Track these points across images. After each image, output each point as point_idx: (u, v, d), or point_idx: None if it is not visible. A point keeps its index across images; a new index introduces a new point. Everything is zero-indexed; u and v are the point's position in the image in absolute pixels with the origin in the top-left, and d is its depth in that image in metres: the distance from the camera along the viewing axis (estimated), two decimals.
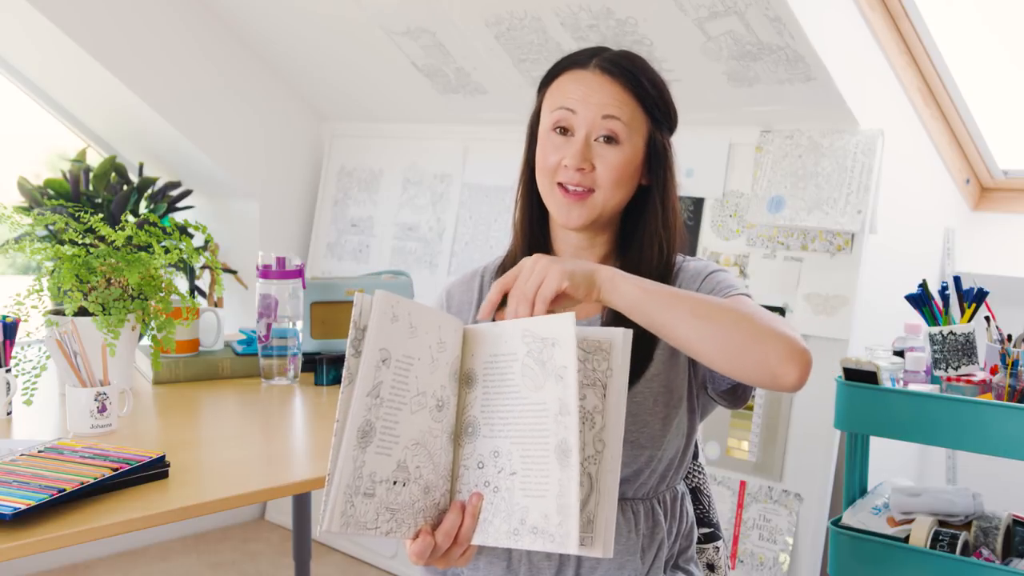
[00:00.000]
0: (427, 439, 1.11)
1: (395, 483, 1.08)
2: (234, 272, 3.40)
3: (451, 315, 1.19)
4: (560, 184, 1.30)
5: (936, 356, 1.95)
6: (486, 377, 1.14)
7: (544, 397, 1.08)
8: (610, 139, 1.29)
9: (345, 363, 1.05)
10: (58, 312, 1.89)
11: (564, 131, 1.30)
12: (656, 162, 1.33)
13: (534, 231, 1.39)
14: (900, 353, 2.03)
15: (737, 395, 1.33)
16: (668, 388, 1.32)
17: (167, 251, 1.93)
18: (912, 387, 1.93)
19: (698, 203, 2.58)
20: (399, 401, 1.08)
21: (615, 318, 1.29)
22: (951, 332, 1.94)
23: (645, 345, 1.29)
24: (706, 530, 1.52)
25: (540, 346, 1.09)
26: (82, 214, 1.97)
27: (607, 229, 1.36)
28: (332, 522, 1.03)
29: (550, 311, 1.12)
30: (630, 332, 1.11)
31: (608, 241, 1.37)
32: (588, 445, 1.10)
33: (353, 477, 1.04)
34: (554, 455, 1.06)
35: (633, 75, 1.31)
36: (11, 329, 1.80)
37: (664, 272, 1.34)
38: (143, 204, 3.17)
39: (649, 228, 1.34)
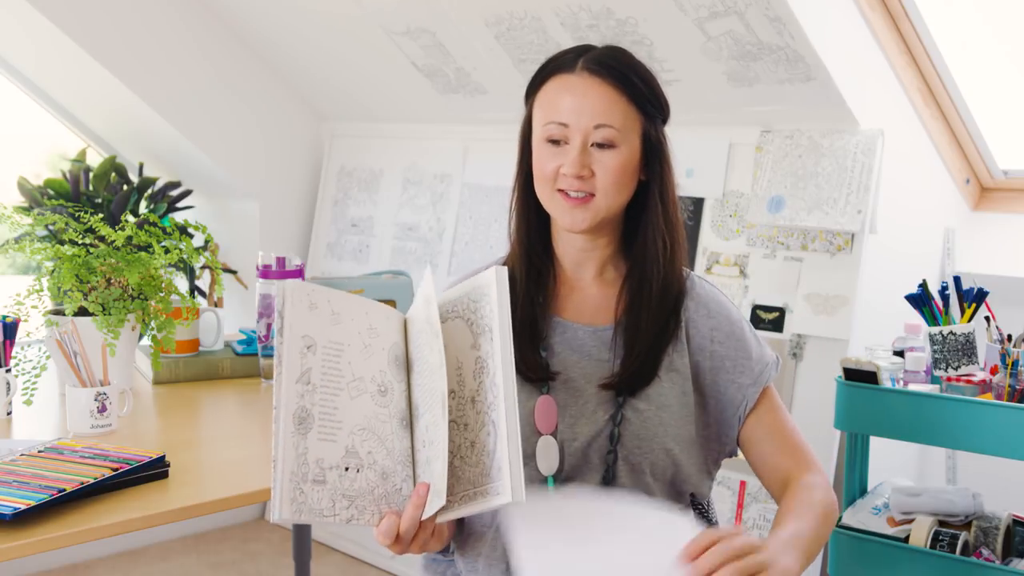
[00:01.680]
0: (374, 424, 1.12)
1: (347, 469, 1.09)
2: (234, 272, 3.40)
3: (381, 303, 1.20)
4: (561, 190, 1.30)
5: (936, 356, 1.95)
6: (416, 359, 1.17)
7: (435, 358, 1.12)
8: (605, 145, 1.28)
9: (275, 351, 1.08)
10: (58, 312, 1.89)
11: (558, 142, 1.30)
12: (653, 157, 1.33)
13: (532, 238, 1.38)
14: (900, 353, 2.03)
15: None
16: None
17: (167, 251, 1.93)
18: (912, 387, 1.93)
19: (698, 203, 2.58)
20: (334, 387, 1.10)
21: (629, 322, 1.32)
22: (951, 332, 1.94)
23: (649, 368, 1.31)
24: None
25: (427, 308, 1.14)
26: (82, 214, 1.97)
27: (610, 229, 1.36)
28: (282, 510, 1.04)
29: None
30: (503, 269, 1.15)
31: (611, 241, 1.37)
32: (487, 392, 1.12)
33: (297, 464, 1.05)
34: (440, 410, 1.10)
35: (622, 73, 1.29)
36: (11, 329, 1.80)
37: (668, 276, 1.34)
38: (143, 204, 3.17)
39: (651, 224, 1.34)
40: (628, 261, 1.36)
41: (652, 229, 1.33)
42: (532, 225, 1.38)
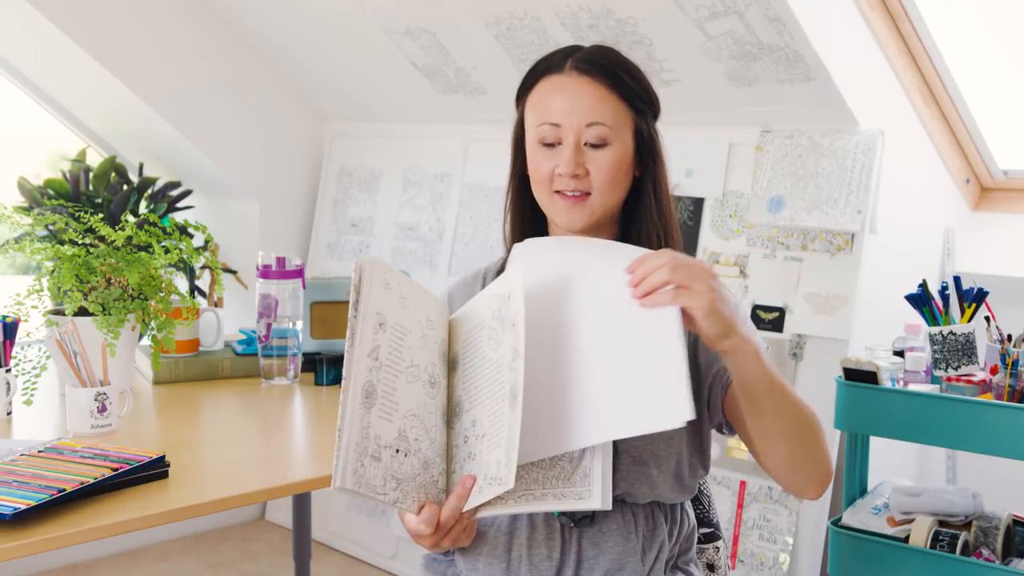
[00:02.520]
0: (423, 412, 1.13)
1: (398, 451, 1.09)
2: (234, 272, 3.40)
3: (437, 297, 1.21)
4: (558, 191, 1.31)
5: (936, 356, 1.95)
6: (464, 357, 1.17)
7: (502, 352, 1.12)
8: (598, 144, 1.29)
9: (348, 325, 1.07)
10: (58, 312, 1.89)
11: (551, 144, 1.30)
12: (645, 153, 1.33)
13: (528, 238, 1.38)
14: (900, 353, 2.03)
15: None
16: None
17: (167, 251, 1.93)
18: (912, 387, 1.93)
19: (698, 203, 2.58)
20: (396, 368, 1.10)
21: None
22: (951, 332, 1.94)
23: None
24: (706, 530, 1.53)
25: (499, 303, 1.15)
26: (82, 214, 1.97)
27: (606, 227, 1.36)
28: (345, 479, 1.04)
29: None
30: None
31: (608, 239, 1.37)
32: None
33: (361, 437, 1.05)
34: (507, 401, 1.10)
35: (611, 71, 1.30)
36: (11, 329, 1.80)
37: None
38: (143, 204, 3.17)
39: (646, 220, 1.34)
40: None
41: (647, 224, 1.34)
42: (528, 226, 1.39)
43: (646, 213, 1.34)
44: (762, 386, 1.16)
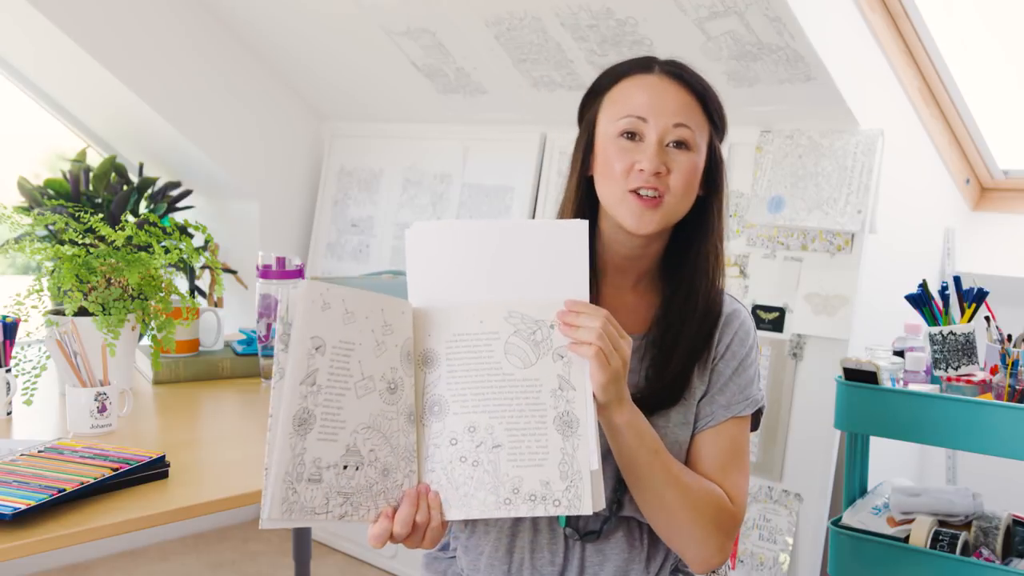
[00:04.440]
0: (380, 422, 1.13)
1: (345, 467, 1.09)
2: (234, 272, 3.40)
3: (397, 298, 1.19)
4: (633, 191, 1.26)
5: (936, 356, 1.95)
6: (451, 356, 1.16)
7: (536, 373, 1.14)
8: (682, 144, 1.27)
9: (275, 359, 1.08)
10: (58, 312, 1.89)
11: (633, 136, 1.27)
12: (715, 171, 1.32)
13: None
14: (900, 353, 2.03)
15: None
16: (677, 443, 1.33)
17: (167, 251, 1.93)
18: (912, 387, 1.93)
19: None
20: (341, 387, 1.10)
21: (661, 333, 1.31)
22: (951, 332, 1.94)
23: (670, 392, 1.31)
24: None
25: (532, 327, 1.15)
26: (82, 214, 1.97)
27: (662, 239, 1.34)
28: (272, 509, 1.04)
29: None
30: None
31: (660, 251, 1.35)
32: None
33: (293, 464, 1.06)
34: (554, 426, 1.12)
35: (699, 82, 1.30)
36: (11, 329, 1.80)
37: (711, 293, 1.32)
38: (143, 204, 3.17)
39: (707, 239, 1.33)
40: (668, 274, 1.35)
41: (707, 244, 1.32)
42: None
43: (708, 232, 1.32)
44: (642, 466, 1.21)
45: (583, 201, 1.34)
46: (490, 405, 1.14)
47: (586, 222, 1.17)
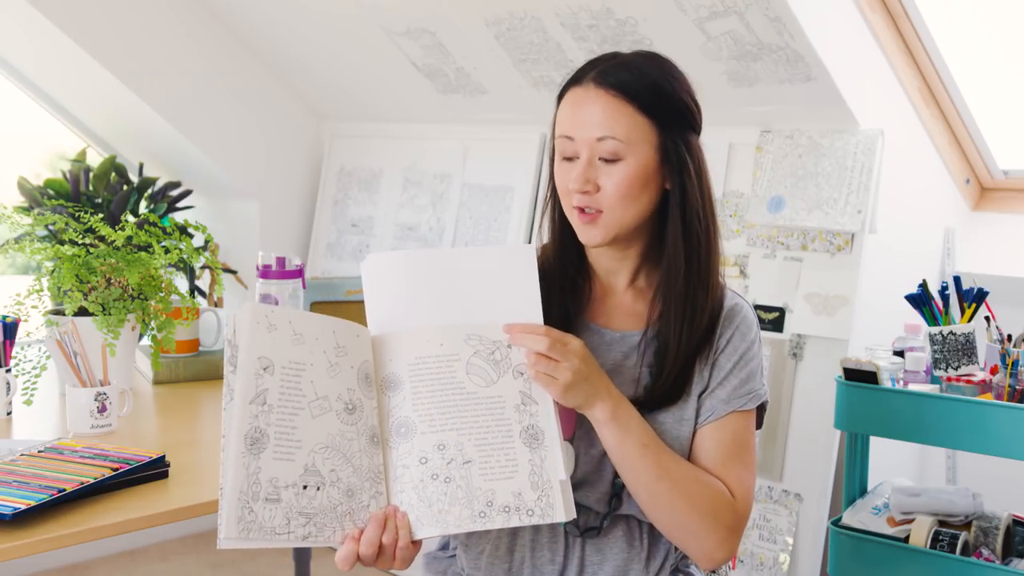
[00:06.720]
0: (339, 443, 1.13)
1: (306, 487, 1.10)
2: (234, 272, 3.40)
3: (350, 322, 1.21)
4: (577, 207, 1.28)
5: (936, 356, 1.95)
6: (414, 379, 1.18)
7: (499, 391, 1.17)
8: (611, 159, 1.25)
9: (224, 380, 1.10)
10: (58, 312, 1.89)
11: (570, 158, 1.28)
12: (677, 161, 1.29)
13: (566, 247, 1.36)
14: (900, 353, 2.03)
15: None
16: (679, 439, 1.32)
17: (167, 251, 1.93)
18: (912, 387, 1.93)
19: None
20: (293, 406, 1.11)
21: (662, 332, 1.30)
22: (951, 332, 1.94)
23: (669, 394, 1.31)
24: None
25: (491, 347, 1.18)
26: (82, 214, 1.97)
27: (634, 241, 1.33)
28: (228, 529, 1.04)
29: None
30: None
31: (640, 250, 1.34)
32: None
33: (248, 484, 1.06)
34: (520, 440, 1.15)
35: (627, 84, 1.25)
36: (11, 329, 1.80)
37: (698, 289, 1.30)
38: (143, 204, 3.17)
39: (670, 236, 1.30)
40: (651, 273, 1.36)
41: (671, 241, 1.30)
42: (565, 236, 1.36)
43: (671, 229, 1.30)
44: (631, 459, 1.22)
45: (557, 211, 1.36)
46: (457, 423, 1.16)
47: (533, 247, 1.21)
